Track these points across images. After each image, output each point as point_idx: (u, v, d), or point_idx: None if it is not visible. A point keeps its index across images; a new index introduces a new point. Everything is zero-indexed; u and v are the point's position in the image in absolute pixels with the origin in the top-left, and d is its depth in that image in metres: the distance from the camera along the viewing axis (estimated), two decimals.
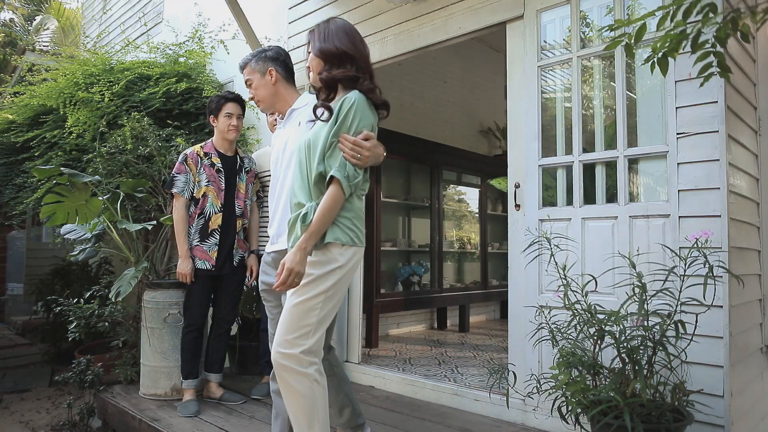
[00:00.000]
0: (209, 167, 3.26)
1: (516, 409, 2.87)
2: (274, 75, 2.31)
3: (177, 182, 3.21)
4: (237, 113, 3.30)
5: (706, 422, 2.27)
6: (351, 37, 1.97)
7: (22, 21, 11.65)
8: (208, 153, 3.29)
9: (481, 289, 6.17)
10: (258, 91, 2.31)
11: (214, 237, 3.23)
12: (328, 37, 1.95)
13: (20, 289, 7.79)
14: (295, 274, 1.76)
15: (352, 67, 1.94)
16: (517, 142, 3.04)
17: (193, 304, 3.28)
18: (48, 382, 5.02)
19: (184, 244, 3.19)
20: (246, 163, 3.43)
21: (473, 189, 6.47)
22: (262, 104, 2.35)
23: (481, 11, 3.23)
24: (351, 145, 1.82)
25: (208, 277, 3.27)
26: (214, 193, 3.25)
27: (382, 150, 1.95)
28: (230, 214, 3.30)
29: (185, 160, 3.24)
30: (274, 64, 2.31)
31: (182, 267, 3.18)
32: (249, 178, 3.43)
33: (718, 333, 2.29)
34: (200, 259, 3.21)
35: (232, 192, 3.32)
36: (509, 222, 3.06)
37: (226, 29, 4.89)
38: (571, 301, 2.26)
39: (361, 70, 1.95)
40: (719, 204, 2.33)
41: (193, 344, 3.28)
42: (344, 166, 1.81)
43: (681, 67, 2.43)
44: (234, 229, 3.31)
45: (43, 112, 4.73)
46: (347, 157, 1.82)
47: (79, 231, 3.78)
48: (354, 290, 3.92)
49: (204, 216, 3.23)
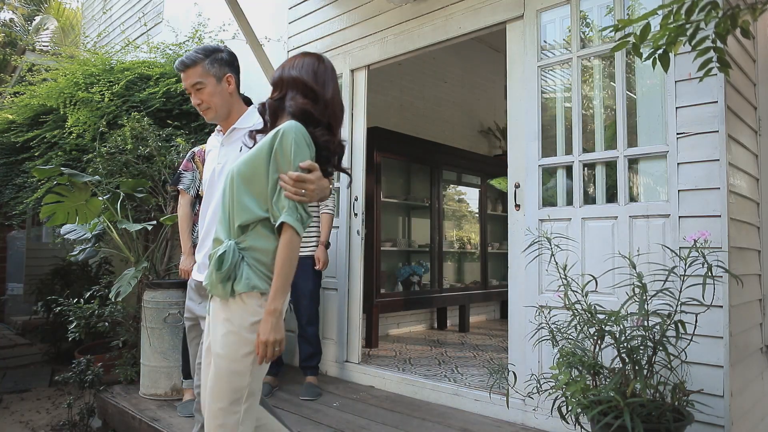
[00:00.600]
0: None
1: (516, 409, 2.87)
2: (232, 83, 2.04)
3: (183, 179, 3.18)
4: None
5: (706, 422, 2.27)
6: (320, 76, 1.72)
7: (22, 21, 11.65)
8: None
9: (481, 289, 6.17)
10: (213, 99, 2.00)
11: None
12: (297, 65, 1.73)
13: (20, 289, 7.79)
14: (272, 344, 1.53)
15: (314, 104, 1.68)
16: (517, 142, 3.04)
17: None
18: (48, 382, 5.02)
19: (187, 240, 3.17)
20: None
21: (473, 189, 6.47)
22: (212, 113, 2.03)
23: (481, 11, 3.24)
24: (293, 182, 1.57)
25: None
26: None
27: (327, 183, 1.69)
28: None
29: (193, 158, 3.22)
30: (232, 70, 2.04)
31: (184, 263, 3.16)
32: None
33: (718, 333, 2.29)
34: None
35: None
36: (509, 222, 3.06)
37: (226, 29, 4.89)
38: (571, 301, 2.26)
39: (320, 112, 1.68)
40: (719, 204, 2.33)
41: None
42: (294, 208, 1.58)
43: (681, 67, 2.43)
44: None
45: (43, 112, 4.72)
46: (290, 195, 1.56)
47: (79, 231, 3.78)
48: (354, 290, 3.93)
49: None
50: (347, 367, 3.89)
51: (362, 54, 3.95)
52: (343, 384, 3.75)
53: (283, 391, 3.51)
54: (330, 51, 4.19)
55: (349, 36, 4.06)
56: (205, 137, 4.48)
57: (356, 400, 3.37)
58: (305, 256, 3.49)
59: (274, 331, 1.53)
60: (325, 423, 2.91)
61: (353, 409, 3.16)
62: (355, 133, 4.01)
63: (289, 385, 3.62)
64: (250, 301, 1.57)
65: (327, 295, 4.02)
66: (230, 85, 2.03)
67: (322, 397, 3.39)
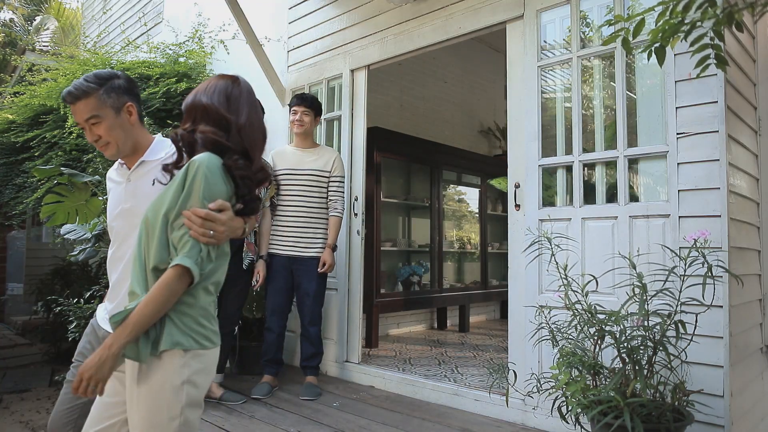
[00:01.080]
0: None
1: (516, 408, 2.87)
2: (134, 113, 1.76)
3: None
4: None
5: (706, 422, 2.27)
6: (233, 101, 1.56)
7: (22, 21, 11.65)
8: None
9: (481, 289, 6.17)
10: (113, 133, 1.71)
11: None
12: (209, 91, 1.57)
13: (20, 289, 7.79)
14: (88, 380, 1.33)
15: (226, 132, 1.51)
16: (517, 142, 3.04)
17: None
18: (48, 382, 5.01)
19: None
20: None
21: (473, 189, 6.47)
22: (113, 149, 1.73)
23: (481, 11, 3.24)
24: (201, 220, 1.37)
25: None
26: None
27: (241, 223, 1.51)
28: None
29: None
30: (132, 98, 1.77)
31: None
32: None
33: (718, 333, 2.29)
34: None
35: None
36: (509, 222, 3.06)
37: (226, 29, 4.89)
38: (571, 301, 2.26)
39: (234, 140, 1.51)
40: (719, 204, 2.33)
41: None
42: (197, 250, 1.38)
43: (681, 67, 2.43)
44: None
45: (43, 112, 4.72)
46: (196, 235, 1.37)
47: (79, 231, 3.78)
48: (354, 290, 3.93)
49: None
50: (347, 367, 3.89)
51: (362, 54, 3.95)
52: (343, 384, 3.75)
53: (283, 391, 3.51)
54: (330, 51, 4.19)
55: (349, 36, 4.06)
56: None
57: (356, 400, 3.37)
58: (310, 257, 3.50)
59: (98, 369, 1.32)
60: (325, 423, 2.91)
61: (353, 409, 3.16)
62: (355, 133, 4.01)
63: (288, 385, 3.62)
64: (173, 360, 1.37)
65: (327, 295, 4.01)
66: (131, 115, 1.76)
67: (322, 397, 3.39)
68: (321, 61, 4.26)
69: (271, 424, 2.89)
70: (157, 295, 1.33)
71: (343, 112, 4.08)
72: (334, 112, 4.20)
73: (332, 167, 3.59)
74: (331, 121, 4.24)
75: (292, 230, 3.51)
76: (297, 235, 3.51)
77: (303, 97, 3.61)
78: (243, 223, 1.53)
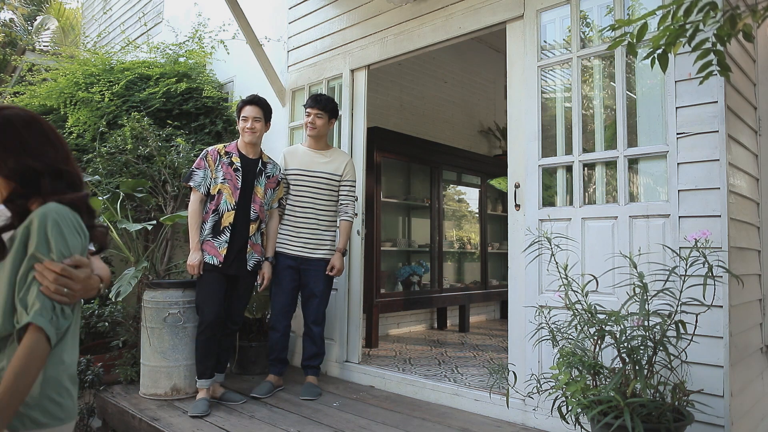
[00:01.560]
0: (227, 165, 3.26)
1: (516, 409, 2.87)
2: None
3: (195, 176, 3.24)
4: (253, 116, 3.29)
5: (706, 422, 2.27)
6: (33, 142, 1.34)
7: (22, 21, 11.65)
8: (229, 152, 3.31)
9: (481, 289, 6.17)
10: None
11: (225, 234, 3.20)
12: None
13: None
14: None
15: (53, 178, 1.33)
16: (517, 142, 3.04)
17: (202, 302, 3.22)
18: None
19: (194, 236, 3.20)
20: (269, 169, 3.39)
21: (473, 189, 6.47)
22: None
23: (481, 11, 3.24)
24: (55, 275, 1.22)
25: (219, 275, 3.21)
26: (228, 190, 3.23)
27: (97, 282, 1.38)
28: (244, 214, 3.26)
29: (205, 156, 3.28)
30: None
31: (190, 259, 3.19)
32: (270, 183, 3.39)
33: (718, 333, 2.29)
34: (209, 254, 3.19)
35: (249, 194, 3.29)
36: (509, 222, 3.06)
37: (226, 29, 4.89)
38: (571, 300, 2.26)
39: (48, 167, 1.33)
40: (719, 204, 2.33)
41: (206, 345, 3.22)
42: (50, 308, 1.22)
43: (681, 67, 2.43)
44: (247, 229, 3.27)
45: (43, 112, 4.73)
46: (48, 293, 1.22)
47: None
48: (354, 290, 3.93)
49: (218, 212, 3.21)
50: (347, 367, 3.89)
51: (362, 54, 3.95)
52: (343, 384, 3.75)
53: (283, 391, 3.51)
54: (330, 51, 4.19)
55: (349, 36, 4.05)
56: (206, 137, 4.49)
57: (356, 399, 3.37)
58: (318, 258, 3.48)
59: None
60: (325, 423, 2.91)
61: (353, 409, 3.16)
62: (355, 133, 4.01)
63: (289, 385, 3.62)
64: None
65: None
66: None
67: (322, 397, 3.39)
68: (321, 61, 4.26)
69: (271, 424, 2.89)
70: (21, 366, 1.16)
71: (343, 112, 4.08)
72: None
73: (344, 171, 3.55)
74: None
75: (301, 231, 3.47)
76: (306, 237, 3.47)
77: (317, 98, 3.54)
78: (99, 282, 1.39)
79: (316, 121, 3.49)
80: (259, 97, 3.39)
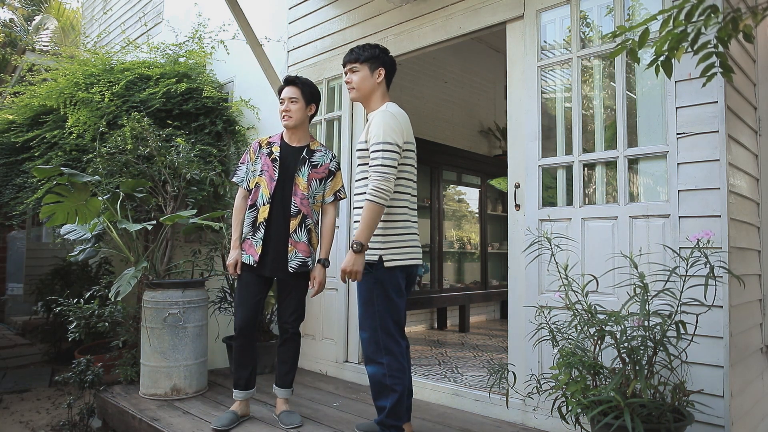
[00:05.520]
0: (266, 156, 2.96)
1: (516, 409, 2.87)
2: None
3: (238, 172, 3.05)
4: (289, 97, 2.94)
5: (707, 422, 2.27)
6: None
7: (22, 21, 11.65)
8: (271, 142, 3.01)
9: (481, 289, 6.17)
10: None
11: (260, 231, 2.88)
12: None
13: (20, 289, 7.79)
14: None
15: None
16: (517, 142, 3.04)
17: (236, 305, 2.94)
18: (48, 382, 5.02)
19: (233, 234, 2.99)
20: (316, 157, 2.97)
21: (473, 189, 6.47)
22: None
23: (481, 11, 3.24)
24: None
25: (254, 277, 2.90)
26: (265, 183, 2.91)
27: None
28: (280, 208, 2.89)
29: (249, 150, 3.07)
30: None
31: (228, 257, 2.99)
32: (316, 173, 2.96)
33: (718, 333, 2.29)
34: (246, 252, 2.91)
35: (288, 185, 2.91)
36: (509, 222, 3.06)
37: (226, 29, 4.89)
38: (571, 301, 2.26)
39: None
40: (719, 204, 2.33)
41: (240, 352, 2.93)
42: None
43: (681, 67, 2.43)
44: (286, 226, 2.89)
45: (43, 112, 4.72)
46: None
47: (79, 231, 3.78)
48: (354, 290, 3.92)
49: (255, 208, 2.93)
50: (347, 367, 3.89)
51: None
52: (343, 384, 3.75)
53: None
54: (330, 51, 4.19)
55: (349, 36, 4.05)
56: (206, 137, 4.49)
57: (356, 400, 3.37)
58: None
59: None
60: (325, 423, 2.91)
61: (353, 409, 3.16)
62: (355, 134, 4.00)
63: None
64: None
65: (327, 295, 4.02)
66: None
67: (322, 397, 3.39)
68: (321, 61, 4.26)
69: (271, 425, 2.89)
70: None
71: (343, 112, 4.08)
72: (334, 112, 4.20)
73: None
74: (331, 122, 4.24)
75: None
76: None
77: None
78: None
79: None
80: (297, 77, 3.04)
